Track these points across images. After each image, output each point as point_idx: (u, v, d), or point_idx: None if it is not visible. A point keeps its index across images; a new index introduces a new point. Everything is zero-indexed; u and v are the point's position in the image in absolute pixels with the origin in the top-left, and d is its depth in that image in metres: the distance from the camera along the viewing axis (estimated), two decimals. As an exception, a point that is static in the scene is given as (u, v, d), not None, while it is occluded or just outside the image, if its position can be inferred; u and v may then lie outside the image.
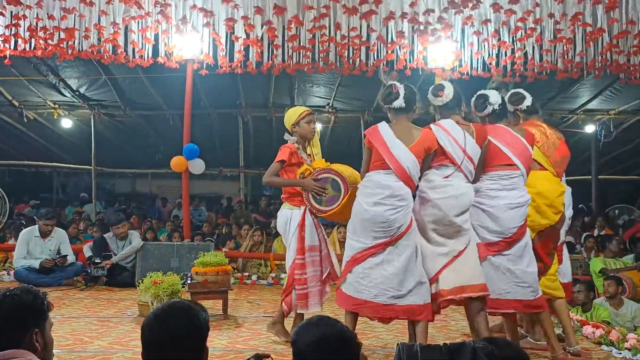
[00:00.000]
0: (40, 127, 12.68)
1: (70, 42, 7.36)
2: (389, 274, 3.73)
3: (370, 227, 3.76)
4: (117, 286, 7.05)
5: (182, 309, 2.07)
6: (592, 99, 11.04)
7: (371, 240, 3.76)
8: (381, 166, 3.80)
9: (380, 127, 3.90)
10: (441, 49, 7.62)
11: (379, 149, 3.80)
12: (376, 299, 3.74)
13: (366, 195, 3.82)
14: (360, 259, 3.78)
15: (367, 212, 3.77)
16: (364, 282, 3.76)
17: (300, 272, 4.32)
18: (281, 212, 4.54)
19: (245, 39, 7.37)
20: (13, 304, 2.08)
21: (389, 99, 3.94)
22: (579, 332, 4.76)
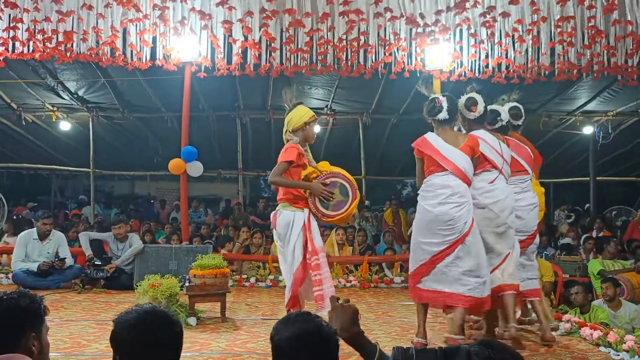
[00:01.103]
0: (39, 129, 12.68)
1: (68, 45, 7.36)
2: (464, 270, 4.05)
3: (437, 226, 4.05)
4: (115, 289, 7.03)
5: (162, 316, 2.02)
6: (590, 101, 11.06)
7: (441, 239, 4.05)
8: (437, 169, 4.11)
9: (428, 136, 4.25)
10: (439, 51, 7.64)
11: (432, 155, 4.13)
12: (457, 291, 4.04)
13: (428, 198, 4.12)
14: (437, 260, 4.09)
15: (431, 213, 4.07)
16: (445, 279, 4.08)
17: (316, 272, 4.32)
18: (282, 213, 4.39)
19: (243, 41, 7.38)
20: (9, 307, 2.08)
21: (434, 112, 4.28)
22: (577, 334, 4.77)
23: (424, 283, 4.18)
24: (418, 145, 4.26)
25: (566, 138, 12.79)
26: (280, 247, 4.52)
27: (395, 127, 12.29)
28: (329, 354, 1.88)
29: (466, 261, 4.07)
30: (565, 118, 12.00)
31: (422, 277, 4.17)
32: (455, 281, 4.06)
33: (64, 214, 13.76)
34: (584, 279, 7.41)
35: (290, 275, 4.37)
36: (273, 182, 4.38)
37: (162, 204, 15.18)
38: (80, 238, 7.60)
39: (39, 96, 11.13)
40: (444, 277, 4.10)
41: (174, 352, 1.98)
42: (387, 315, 5.74)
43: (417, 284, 4.22)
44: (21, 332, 2.07)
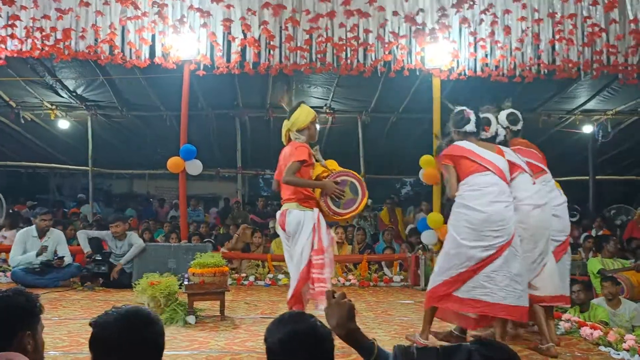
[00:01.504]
0: (37, 128, 12.65)
1: (66, 42, 7.35)
2: (513, 274, 3.87)
3: (487, 228, 3.87)
4: (114, 287, 7.03)
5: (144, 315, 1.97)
6: (590, 100, 11.05)
7: (490, 242, 3.86)
8: (476, 170, 4.03)
9: (460, 143, 4.21)
10: (439, 50, 7.62)
11: (470, 156, 4.06)
12: (504, 301, 3.84)
13: (477, 197, 3.94)
14: (483, 266, 3.87)
15: (483, 213, 3.89)
16: (490, 286, 3.85)
17: (321, 271, 4.31)
18: (292, 213, 4.35)
19: (242, 39, 7.36)
20: (4, 305, 2.07)
21: (461, 123, 4.26)
22: (576, 333, 4.75)
23: (460, 291, 3.93)
24: (450, 152, 4.17)
25: (566, 137, 12.77)
26: (287, 246, 4.50)
27: (395, 126, 12.27)
28: (324, 355, 1.85)
29: (514, 266, 3.88)
30: (565, 117, 11.99)
31: (462, 285, 3.91)
32: (501, 290, 3.84)
33: (62, 212, 13.73)
34: (583, 278, 7.40)
35: (297, 273, 4.36)
36: (288, 181, 4.31)
37: (161, 203, 15.15)
38: (78, 236, 7.57)
39: (38, 94, 11.10)
40: (489, 285, 3.85)
41: (157, 351, 1.94)
42: (386, 314, 5.73)
43: (455, 292, 3.95)
44: (16, 330, 2.06)
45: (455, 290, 3.96)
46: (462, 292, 3.93)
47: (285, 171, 4.29)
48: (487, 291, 3.85)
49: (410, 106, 11.16)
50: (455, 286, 3.96)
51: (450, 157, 4.15)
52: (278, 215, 4.50)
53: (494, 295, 3.84)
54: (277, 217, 4.52)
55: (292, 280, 4.43)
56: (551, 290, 4.23)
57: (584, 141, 12.67)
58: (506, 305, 3.84)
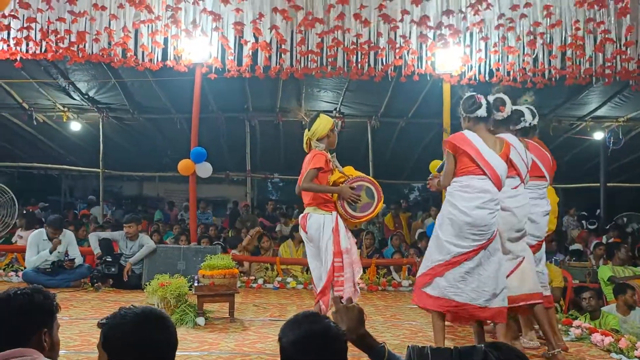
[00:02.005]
0: (50, 129, 12.75)
1: (80, 45, 7.42)
2: (484, 277, 3.88)
3: (470, 230, 3.89)
4: (124, 288, 7.07)
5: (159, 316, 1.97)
6: (601, 106, 11.00)
7: (469, 244, 3.88)
8: (474, 171, 3.95)
9: (467, 134, 4.04)
10: (449, 55, 7.62)
11: (473, 155, 3.94)
12: (474, 302, 3.86)
13: (467, 200, 3.92)
14: (456, 263, 3.88)
15: (468, 216, 3.89)
16: (461, 286, 3.87)
17: (339, 274, 4.48)
18: (312, 217, 4.55)
19: (253, 43, 7.40)
20: (24, 302, 2.09)
21: (473, 108, 4.09)
22: (587, 340, 4.73)
23: (433, 287, 3.93)
24: (455, 141, 4.02)
25: (576, 143, 12.72)
26: (310, 248, 4.69)
27: (404, 131, 12.27)
28: (337, 356, 1.85)
29: (486, 268, 3.90)
30: (576, 123, 11.94)
31: (434, 279, 3.92)
32: (472, 291, 3.86)
33: (73, 214, 13.82)
34: (594, 285, 7.36)
35: (325, 272, 4.52)
36: (305, 188, 4.52)
37: (171, 205, 15.23)
38: (90, 238, 7.63)
39: (50, 96, 11.19)
40: (461, 285, 3.87)
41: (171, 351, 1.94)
42: (395, 319, 5.72)
43: (425, 287, 3.97)
44: (34, 327, 2.08)
45: (425, 285, 3.98)
46: (433, 289, 3.94)
47: (303, 178, 4.51)
48: (459, 291, 3.87)
49: (419, 111, 11.16)
50: (427, 280, 3.97)
51: (454, 146, 4.02)
52: (300, 219, 4.73)
53: (464, 295, 3.87)
54: (299, 220, 4.74)
55: (319, 279, 4.61)
56: (526, 289, 4.21)
57: (595, 148, 12.61)
58: (477, 306, 3.86)
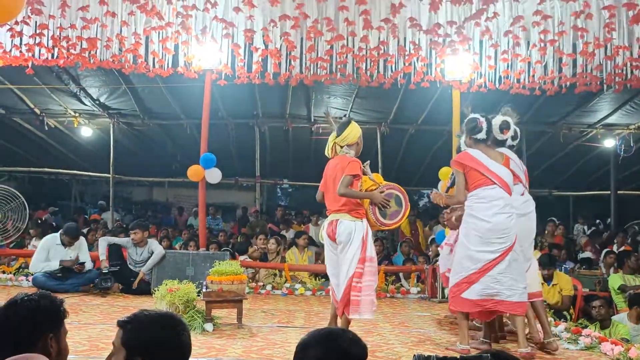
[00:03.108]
0: (61, 135, 12.86)
1: (92, 51, 7.49)
2: (515, 275, 4.34)
3: (493, 235, 4.32)
4: (133, 294, 7.10)
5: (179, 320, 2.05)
6: (612, 113, 10.93)
7: (496, 248, 4.31)
8: (484, 183, 4.42)
9: (471, 152, 4.55)
10: (459, 62, 7.62)
11: (479, 169, 4.44)
12: (509, 299, 4.31)
13: (483, 209, 4.38)
14: (488, 269, 4.31)
15: (488, 223, 4.33)
16: (498, 286, 4.31)
17: (357, 280, 4.59)
18: (343, 223, 4.67)
19: (263, 49, 7.44)
20: (30, 308, 2.11)
21: (475, 131, 4.60)
22: (597, 349, 4.69)
23: (470, 292, 4.36)
24: (461, 160, 4.53)
25: (587, 151, 12.65)
26: (332, 254, 4.81)
27: (413, 138, 12.27)
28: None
29: (515, 267, 4.35)
30: (586, 131, 11.87)
31: (471, 286, 4.35)
32: (507, 289, 4.30)
33: (84, 219, 13.89)
34: (604, 294, 7.31)
35: (345, 279, 4.62)
36: (343, 194, 4.63)
37: (180, 211, 15.28)
38: (99, 243, 7.67)
39: (62, 102, 11.28)
40: (496, 286, 4.31)
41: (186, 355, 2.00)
42: (403, 326, 5.70)
43: (463, 293, 4.39)
44: (39, 332, 2.10)
45: (462, 292, 4.41)
46: (470, 294, 4.36)
47: (340, 184, 4.62)
48: (495, 292, 4.32)
49: (429, 118, 11.15)
50: (463, 288, 4.40)
51: (462, 165, 4.51)
52: (326, 225, 4.82)
53: (501, 294, 4.31)
54: (325, 226, 4.84)
55: (341, 285, 4.68)
56: (533, 288, 4.72)
57: (605, 155, 12.53)
58: (512, 302, 4.32)
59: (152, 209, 16.84)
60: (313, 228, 11.30)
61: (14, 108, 11.66)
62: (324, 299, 7.39)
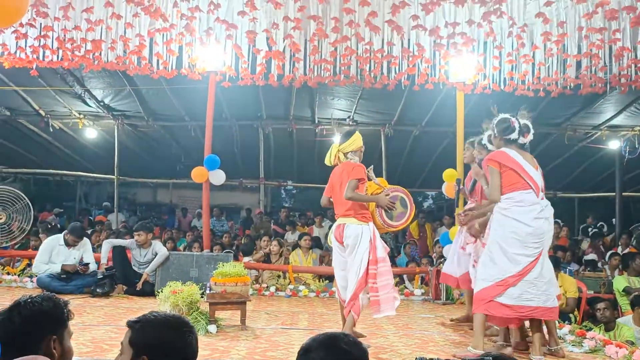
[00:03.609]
0: (66, 136, 12.89)
1: (96, 53, 7.51)
2: (547, 280, 4.34)
3: (531, 239, 4.30)
4: (137, 295, 7.11)
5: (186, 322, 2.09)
6: (617, 115, 10.90)
7: (532, 252, 4.30)
8: (522, 187, 4.38)
9: (509, 152, 4.46)
10: (463, 63, 7.61)
11: (519, 171, 4.38)
12: (544, 304, 4.29)
13: (523, 213, 4.33)
14: (526, 272, 4.27)
15: (528, 227, 4.30)
16: (533, 291, 4.27)
17: (374, 281, 4.68)
18: (349, 227, 4.76)
19: (267, 51, 7.44)
20: (33, 310, 2.12)
21: (507, 131, 4.52)
22: (601, 352, 4.67)
23: (507, 296, 4.27)
24: (500, 159, 4.44)
25: (591, 152, 12.61)
26: (340, 256, 4.91)
27: (417, 140, 12.26)
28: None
29: (547, 271, 4.37)
30: (591, 132, 11.83)
31: (508, 289, 4.27)
32: (542, 294, 4.29)
33: (88, 220, 13.94)
34: (608, 296, 7.28)
35: (356, 281, 4.69)
36: (350, 197, 4.71)
37: (184, 212, 15.31)
38: (103, 245, 7.68)
39: (67, 104, 11.32)
40: (532, 290, 4.27)
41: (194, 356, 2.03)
42: (407, 328, 5.69)
43: (498, 297, 4.29)
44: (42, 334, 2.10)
45: (497, 296, 4.31)
46: (506, 299, 4.28)
47: (347, 188, 4.71)
48: (532, 296, 4.26)
49: (433, 120, 11.14)
50: (498, 291, 4.30)
51: (499, 163, 4.43)
52: (333, 229, 4.93)
53: (537, 299, 4.27)
54: (333, 230, 4.95)
55: (350, 287, 4.74)
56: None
57: (610, 157, 12.49)
58: (547, 307, 4.29)
59: (156, 210, 16.88)
60: (317, 229, 11.30)
61: (19, 110, 11.70)
62: (327, 301, 7.38)
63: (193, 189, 14.66)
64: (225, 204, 16.29)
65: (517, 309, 4.27)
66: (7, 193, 8.26)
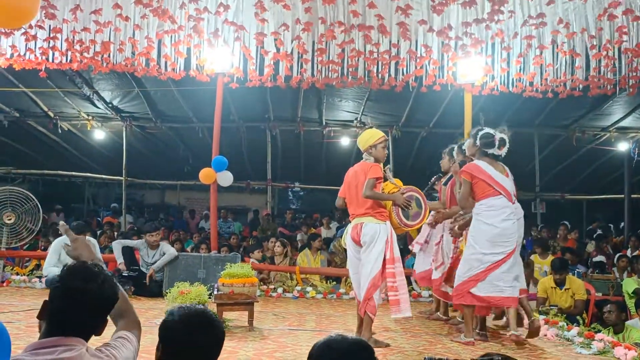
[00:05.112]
0: (74, 138, 12.96)
1: (105, 55, 7.55)
2: (515, 275, 4.86)
3: (501, 240, 4.80)
4: (145, 296, 7.13)
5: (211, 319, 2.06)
6: (626, 117, 10.85)
7: (502, 250, 4.79)
8: (492, 194, 4.85)
9: (479, 163, 4.93)
10: (471, 65, 7.59)
11: (487, 181, 4.85)
12: (513, 294, 4.82)
13: (493, 216, 4.82)
14: (494, 268, 4.79)
15: (497, 228, 4.80)
16: (502, 284, 4.79)
17: (393, 280, 4.77)
18: (367, 226, 4.83)
19: (275, 53, 7.46)
20: (111, 294, 2.07)
21: (489, 145, 4.93)
22: (610, 353, 4.65)
23: (478, 288, 4.81)
24: (471, 171, 4.91)
25: (600, 154, 12.56)
26: (355, 258, 4.97)
27: (425, 141, 12.24)
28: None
29: (516, 268, 4.88)
30: (600, 134, 11.79)
31: (478, 283, 4.81)
32: (508, 287, 4.80)
33: (97, 222, 14.00)
34: (617, 298, 7.24)
35: (369, 279, 4.75)
36: (368, 196, 4.81)
37: (192, 214, 15.35)
38: (113, 246, 7.72)
39: (75, 105, 11.38)
40: (500, 283, 4.78)
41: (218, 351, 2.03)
42: (415, 329, 5.68)
43: (472, 289, 4.84)
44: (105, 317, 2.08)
45: (471, 288, 4.85)
46: (479, 291, 4.83)
47: (365, 187, 4.80)
48: (499, 289, 4.80)
49: (441, 121, 11.13)
50: (471, 285, 4.85)
51: (471, 175, 4.91)
52: (350, 230, 4.98)
53: (506, 290, 4.80)
54: (349, 231, 4.99)
55: (362, 285, 4.80)
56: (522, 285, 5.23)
57: (619, 159, 12.44)
58: (512, 297, 4.84)
59: (164, 212, 16.91)
60: (325, 231, 11.30)
61: (28, 111, 11.77)
62: (335, 303, 7.38)
63: (201, 190, 14.70)
64: (233, 205, 16.30)
65: (487, 299, 4.84)
66: (16, 194, 8.31)
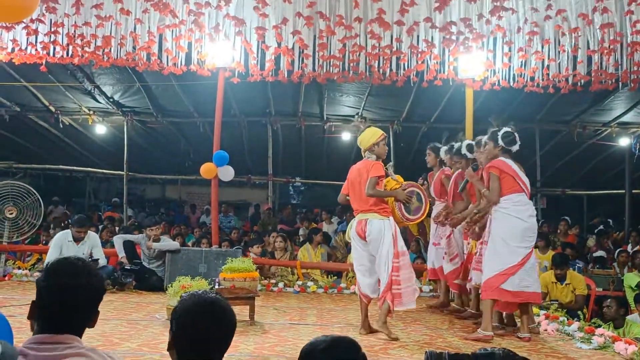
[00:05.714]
0: (75, 132, 12.95)
1: (106, 49, 7.54)
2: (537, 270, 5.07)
3: (529, 234, 4.98)
4: (146, 290, 7.16)
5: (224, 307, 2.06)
6: (627, 112, 10.83)
7: (528, 244, 4.98)
8: (518, 190, 5.00)
9: (507, 161, 5.07)
10: (472, 59, 7.58)
11: (514, 177, 5.01)
12: (537, 290, 5.03)
13: (522, 211, 4.99)
14: (524, 262, 4.91)
15: (526, 223, 4.97)
16: (530, 279, 4.94)
17: (397, 274, 4.91)
18: (372, 222, 4.98)
19: (276, 47, 7.45)
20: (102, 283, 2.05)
21: (511, 143, 5.09)
22: (610, 348, 4.66)
23: (509, 283, 4.86)
24: (499, 166, 5.03)
25: (601, 150, 12.54)
26: (362, 250, 5.11)
27: (426, 136, 12.20)
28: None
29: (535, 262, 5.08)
30: (601, 129, 11.77)
31: (509, 277, 4.86)
32: (535, 282, 5.01)
33: (98, 216, 14.01)
34: (617, 293, 7.25)
35: (388, 273, 4.89)
36: (372, 194, 4.96)
37: (193, 209, 15.34)
38: (114, 241, 7.74)
39: (76, 100, 11.37)
40: (528, 278, 4.91)
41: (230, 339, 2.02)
42: (416, 324, 5.70)
43: (502, 284, 4.88)
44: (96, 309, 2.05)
45: (502, 283, 4.88)
46: (509, 286, 4.87)
47: (367, 186, 4.95)
48: (528, 284, 4.92)
49: (442, 116, 11.11)
50: (503, 279, 4.88)
51: (500, 170, 5.02)
52: (354, 224, 5.11)
53: (532, 286, 4.94)
54: (354, 225, 5.12)
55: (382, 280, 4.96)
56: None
57: (620, 154, 12.42)
58: (537, 293, 5.03)
59: (165, 206, 16.93)
60: (326, 226, 11.31)
61: (29, 106, 11.76)
62: (336, 297, 7.40)
63: (202, 185, 14.70)
64: (234, 200, 16.32)
65: (518, 294, 4.89)
66: (17, 188, 8.31)
